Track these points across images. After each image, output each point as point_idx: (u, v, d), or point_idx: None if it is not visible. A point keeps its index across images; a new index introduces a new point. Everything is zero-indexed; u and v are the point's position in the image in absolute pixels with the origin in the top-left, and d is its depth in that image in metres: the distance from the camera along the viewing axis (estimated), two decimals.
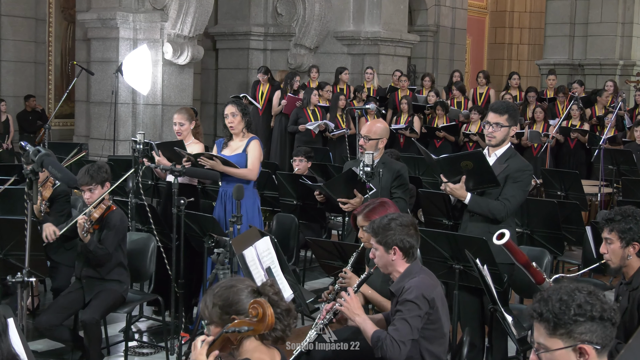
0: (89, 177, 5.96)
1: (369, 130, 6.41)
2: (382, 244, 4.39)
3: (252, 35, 14.96)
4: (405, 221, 4.41)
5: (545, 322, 2.62)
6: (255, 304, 3.11)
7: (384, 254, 4.40)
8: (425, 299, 4.22)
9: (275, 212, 8.44)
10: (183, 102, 12.03)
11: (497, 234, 4.56)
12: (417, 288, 4.23)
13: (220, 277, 4.59)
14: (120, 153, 11.48)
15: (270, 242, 4.87)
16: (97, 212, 5.92)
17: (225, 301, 3.19)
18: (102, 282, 6.01)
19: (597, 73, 18.62)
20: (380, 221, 4.44)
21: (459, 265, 5.27)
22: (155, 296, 6.64)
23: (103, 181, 6.02)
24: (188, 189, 7.09)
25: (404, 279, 4.34)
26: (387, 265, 4.44)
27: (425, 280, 4.33)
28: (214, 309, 3.21)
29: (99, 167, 6.09)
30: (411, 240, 4.38)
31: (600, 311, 2.58)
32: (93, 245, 5.83)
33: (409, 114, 13.28)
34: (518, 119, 5.88)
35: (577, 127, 12.89)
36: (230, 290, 3.22)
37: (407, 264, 4.41)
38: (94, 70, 11.93)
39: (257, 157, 6.81)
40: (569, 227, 7.48)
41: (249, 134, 6.89)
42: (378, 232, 4.41)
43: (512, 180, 5.48)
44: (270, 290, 3.24)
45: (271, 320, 3.12)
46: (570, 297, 2.61)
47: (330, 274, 5.83)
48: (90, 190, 5.98)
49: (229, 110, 6.83)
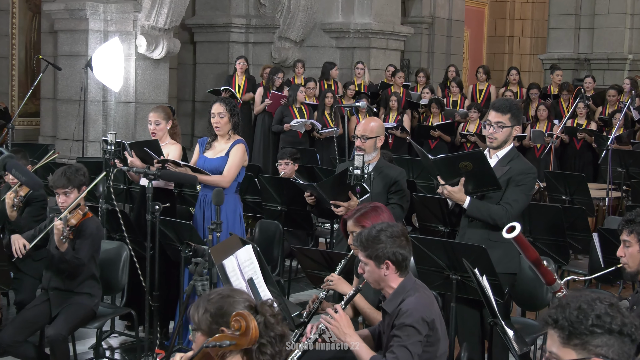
0: (66, 180, 5.96)
1: (365, 128, 6.39)
2: (373, 258, 4.33)
3: (232, 27, 14.96)
4: (396, 232, 4.35)
5: (560, 329, 2.60)
6: (237, 317, 3.09)
7: (375, 269, 4.34)
8: (425, 321, 4.19)
9: (258, 218, 8.44)
10: (158, 99, 12.01)
11: (507, 227, 4.54)
12: (415, 310, 4.19)
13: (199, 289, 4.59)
14: (89, 155, 11.45)
15: (253, 251, 4.86)
16: (74, 217, 5.91)
17: (218, 310, 3.18)
18: (71, 295, 6.00)
19: (604, 68, 18.68)
20: (368, 233, 4.37)
21: (456, 276, 5.28)
22: (128, 310, 6.61)
23: (80, 184, 6.03)
24: (163, 193, 7.08)
25: (398, 296, 4.32)
26: (378, 281, 4.39)
27: (423, 300, 4.29)
28: (204, 315, 3.19)
29: (76, 169, 6.09)
30: (404, 253, 4.34)
31: (620, 325, 2.57)
32: (70, 255, 5.81)
33: (398, 112, 13.27)
34: (521, 119, 5.89)
35: (584, 126, 12.92)
36: (226, 300, 3.20)
37: (400, 279, 4.36)
38: (61, 65, 11.90)
39: (235, 163, 6.78)
40: (575, 234, 7.50)
41: (235, 136, 6.88)
42: (367, 246, 4.34)
43: (515, 183, 5.50)
44: (268, 310, 3.21)
45: (255, 334, 3.10)
46: (590, 306, 2.60)
47: (318, 285, 5.83)
48: (66, 194, 5.98)
49: (216, 110, 6.81)
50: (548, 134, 12.44)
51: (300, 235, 8.62)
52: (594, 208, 9.89)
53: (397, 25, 15.88)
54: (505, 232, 4.53)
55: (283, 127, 12.57)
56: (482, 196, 5.54)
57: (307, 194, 6.70)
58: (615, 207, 10.55)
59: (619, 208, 10.64)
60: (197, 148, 7.06)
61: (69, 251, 5.81)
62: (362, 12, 15.14)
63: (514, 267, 5.62)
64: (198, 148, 7.03)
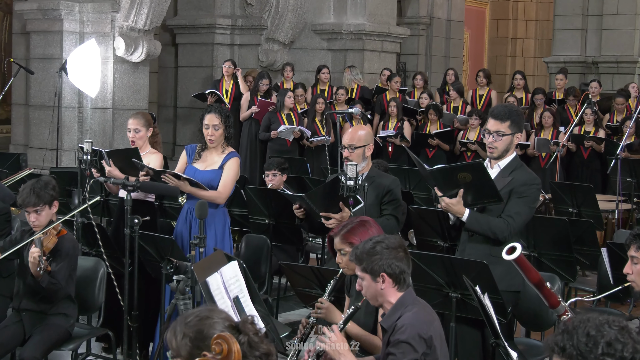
0: (36, 197, 5.88)
1: (352, 137, 6.40)
2: (368, 271, 4.35)
3: (217, 28, 14.97)
4: (393, 243, 4.38)
5: (568, 358, 2.60)
6: (219, 339, 3.09)
7: (372, 283, 4.36)
8: (422, 338, 4.19)
9: (245, 232, 8.43)
10: (137, 105, 12.01)
11: (507, 247, 4.55)
12: (411, 326, 4.20)
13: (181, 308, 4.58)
14: (64, 164, 11.43)
15: (239, 267, 4.86)
16: (50, 241, 5.83)
17: (197, 334, 3.17)
18: (45, 315, 5.98)
19: (613, 72, 18.74)
20: (363, 246, 4.41)
21: (456, 294, 5.29)
22: (105, 331, 6.60)
23: (51, 200, 5.98)
24: (143, 206, 7.07)
25: (396, 312, 4.32)
26: (376, 296, 4.40)
27: (421, 315, 4.30)
28: (183, 340, 3.18)
29: (45, 183, 6.00)
30: (401, 265, 4.35)
31: (632, 352, 2.56)
32: (46, 282, 5.77)
33: (398, 119, 13.26)
34: (523, 125, 5.90)
35: (591, 133, 12.93)
36: (205, 322, 3.19)
37: (399, 293, 4.37)
38: (34, 68, 11.89)
39: (231, 179, 6.76)
40: (582, 249, 7.51)
41: (228, 148, 6.85)
42: (362, 259, 4.36)
43: (517, 195, 5.51)
44: (250, 329, 3.21)
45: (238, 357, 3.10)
46: (599, 332, 2.58)
47: (308, 304, 5.83)
48: (37, 212, 5.92)
49: (210, 121, 6.73)
50: (554, 142, 12.42)
51: (289, 250, 8.61)
52: (603, 221, 9.92)
53: (392, 26, 15.90)
54: (505, 253, 4.53)
55: (270, 134, 12.57)
56: (483, 209, 5.55)
57: (295, 206, 6.62)
58: (625, 220, 10.57)
59: (629, 221, 10.67)
60: (183, 155, 6.99)
61: (45, 278, 5.74)
62: (355, 12, 15.16)
63: (518, 284, 5.62)
64: (185, 156, 6.96)
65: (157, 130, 7.58)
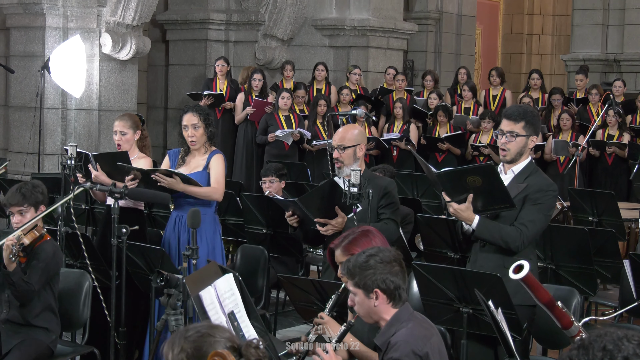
0: (21, 197, 5.99)
1: (342, 137, 6.41)
2: (361, 286, 4.36)
3: (210, 23, 14.98)
4: (387, 257, 4.38)
5: None
6: (216, 356, 3.11)
7: (365, 299, 4.38)
8: (417, 355, 4.20)
9: (240, 242, 8.44)
10: (125, 106, 12.02)
11: (514, 266, 4.56)
12: (405, 343, 4.21)
13: (172, 325, 4.59)
14: (46, 170, 11.45)
15: (234, 280, 4.87)
16: (28, 237, 5.92)
17: (195, 350, 3.18)
18: (25, 328, 6.00)
19: (636, 70, 18.73)
20: (356, 259, 4.42)
21: (467, 309, 5.30)
22: (91, 348, 6.59)
23: (37, 203, 6.07)
24: (132, 214, 7.08)
25: (391, 328, 4.34)
26: (370, 313, 4.42)
27: (416, 331, 4.31)
28: (180, 354, 3.19)
29: (33, 186, 6.12)
30: (396, 280, 4.36)
31: None
32: (17, 277, 5.83)
33: (404, 121, 13.25)
34: (539, 128, 5.90)
35: (615, 137, 12.85)
36: (206, 339, 3.21)
37: (394, 310, 4.39)
38: (15, 67, 11.91)
39: (221, 174, 6.86)
40: (603, 261, 7.51)
41: (210, 148, 6.92)
42: (355, 273, 4.38)
43: (532, 201, 5.50)
44: (254, 354, 3.22)
45: None
46: (617, 347, 2.58)
47: (308, 319, 5.83)
48: (21, 213, 6.01)
49: (189, 121, 6.82)
50: (572, 145, 12.36)
51: (288, 262, 8.62)
52: (626, 231, 9.89)
53: (399, 22, 15.90)
54: (512, 272, 4.53)
55: (267, 137, 12.57)
56: (496, 216, 5.55)
57: (288, 214, 6.52)
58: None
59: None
60: (166, 160, 7.04)
61: (17, 272, 5.82)
62: (359, 6, 15.16)
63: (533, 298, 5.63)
64: (168, 161, 7.02)
65: (146, 133, 7.60)
